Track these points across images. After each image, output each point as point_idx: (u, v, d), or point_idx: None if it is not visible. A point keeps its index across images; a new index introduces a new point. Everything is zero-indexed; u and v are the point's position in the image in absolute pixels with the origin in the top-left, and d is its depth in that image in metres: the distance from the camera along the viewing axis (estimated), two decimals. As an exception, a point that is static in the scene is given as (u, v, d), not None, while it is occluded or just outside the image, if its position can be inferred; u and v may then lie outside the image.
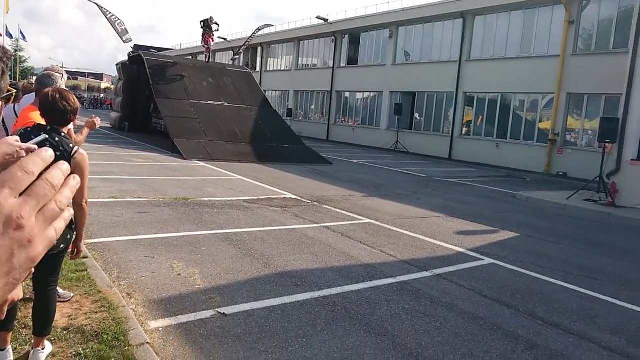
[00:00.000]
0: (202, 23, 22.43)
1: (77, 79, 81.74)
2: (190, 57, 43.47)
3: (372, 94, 29.86)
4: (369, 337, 4.13)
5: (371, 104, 30.00)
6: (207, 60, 23.56)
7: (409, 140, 25.98)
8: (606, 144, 12.78)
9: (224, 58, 42.91)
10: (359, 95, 31.25)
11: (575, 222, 10.67)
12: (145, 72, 19.72)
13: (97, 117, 4.29)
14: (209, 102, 19.40)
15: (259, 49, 40.02)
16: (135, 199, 8.85)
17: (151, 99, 20.97)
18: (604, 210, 11.61)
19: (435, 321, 4.57)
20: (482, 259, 6.81)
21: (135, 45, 28.53)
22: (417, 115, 26.90)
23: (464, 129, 24.12)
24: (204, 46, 23.37)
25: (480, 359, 3.91)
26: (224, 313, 4.35)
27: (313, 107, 35.23)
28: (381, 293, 5.19)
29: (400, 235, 7.84)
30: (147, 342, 3.56)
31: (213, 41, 23.47)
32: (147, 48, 35.83)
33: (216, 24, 22.52)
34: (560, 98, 19.63)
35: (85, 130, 4.12)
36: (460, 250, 7.23)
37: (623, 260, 7.49)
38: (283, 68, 37.96)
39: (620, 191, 12.36)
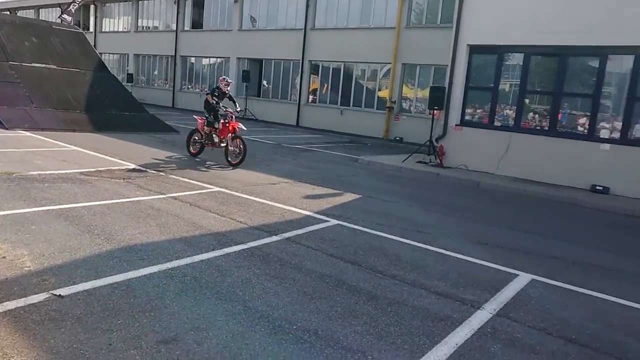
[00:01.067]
0: None
1: None
2: (8, 12, 38.20)
3: (218, 59, 29.13)
4: (220, 304, 4.12)
5: (218, 70, 29.28)
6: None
7: (258, 108, 26.00)
8: (435, 111, 14.09)
9: (51, 16, 38.39)
10: (205, 61, 30.29)
11: (409, 182, 11.68)
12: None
13: None
14: (33, 64, 17.25)
15: (92, 7, 36.51)
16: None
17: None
18: (434, 171, 12.88)
19: (284, 282, 4.71)
20: (328, 221, 7.15)
21: None
22: (265, 82, 26.94)
23: (311, 97, 24.78)
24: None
25: (327, 313, 4.14)
26: (59, 295, 4.01)
27: (156, 72, 33.35)
28: (231, 260, 5.19)
29: (250, 202, 7.88)
30: (-34, 335, 3.14)
31: None
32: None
33: None
34: (396, 68, 21.08)
35: None
36: (308, 213, 7.51)
37: (449, 215, 8.42)
38: (121, 29, 35.16)
39: (446, 153, 13.78)
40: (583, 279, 5.71)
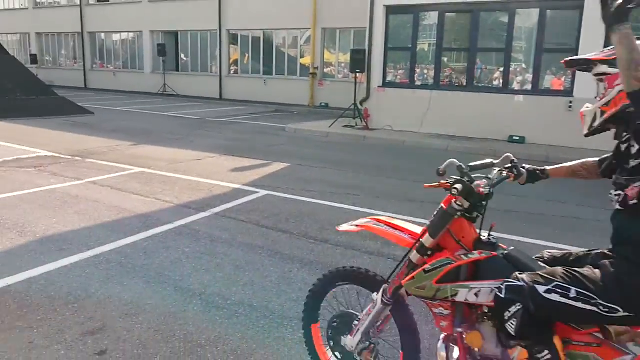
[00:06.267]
0: None
1: None
2: None
3: (130, 34, 27.62)
4: (149, 287, 3.97)
5: (131, 46, 27.84)
6: None
7: (178, 83, 25.05)
8: (357, 74, 14.14)
9: None
10: (116, 37, 28.65)
11: (337, 147, 11.74)
12: None
13: None
14: None
15: (-18, -17, 33.35)
16: None
17: None
18: (360, 134, 13.02)
19: (216, 259, 4.60)
20: (257, 192, 7.05)
21: None
22: (182, 56, 25.94)
23: (232, 68, 24.15)
24: None
25: (261, 285, 4.09)
26: (-31, 297, 3.70)
27: (63, 51, 31.20)
28: (159, 241, 5.01)
29: (175, 180, 7.62)
30: None
31: None
32: None
33: None
34: (317, 33, 20.89)
35: None
36: (237, 186, 7.36)
37: (376, 176, 8.55)
38: (17, 7, 32.40)
39: (372, 116, 13.94)
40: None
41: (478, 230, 2.19)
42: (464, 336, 2.15)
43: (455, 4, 12.74)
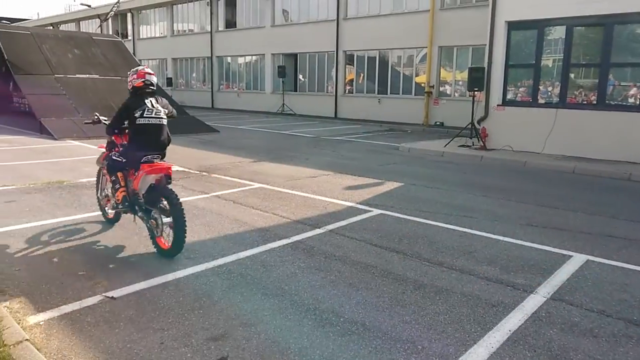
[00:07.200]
0: None
1: None
2: (51, 28, 39.65)
3: (254, 57, 29.35)
4: (267, 299, 4.14)
5: (254, 68, 29.53)
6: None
7: (295, 102, 26.06)
8: (475, 92, 13.73)
9: (91, 27, 39.65)
10: (241, 60, 30.59)
11: (452, 167, 11.44)
12: (-3, 46, 17.63)
13: None
14: (77, 75, 17.89)
15: (129, 15, 37.46)
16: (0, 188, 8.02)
17: (9, 77, 18.86)
18: (477, 154, 12.58)
19: (330, 275, 4.69)
20: (370, 210, 7.09)
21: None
22: (300, 76, 26.98)
23: (347, 88, 24.64)
24: None
25: (374, 304, 4.09)
26: (112, 297, 4.12)
27: (194, 74, 33.94)
28: (276, 255, 5.22)
29: (291, 197, 7.90)
30: (26, 339, 3.27)
31: None
32: (-4, 19, 32.00)
33: None
34: (433, 51, 20.66)
35: None
36: (350, 204, 7.46)
37: (494, 198, 8.20)
38: (158, 35, 35.93)
39: (490, 135, 13.42)
40: (642, 257, 5.43)
41: None
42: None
43: (586, 17, 11.91)
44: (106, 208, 6.12)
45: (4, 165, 10.06)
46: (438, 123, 20.43)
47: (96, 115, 6.14)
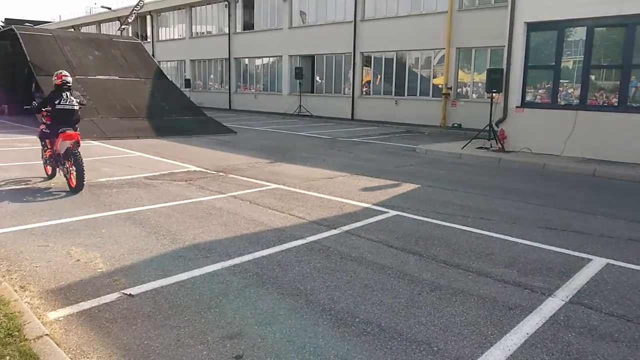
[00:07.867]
0: None
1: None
2: (72, 30, 40.30)
3: (271, 59, 29.49)
4: (282, 299, 4.16)
5: (271, 70, 29.66)
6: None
7: (312, 104, 26.11)
8: (493, 94, 13.61)
9: (111, 29, 40.21)
10: (259, 62, 30.75)
11: (469, 169, 11.35)
12: (20, 48, 17.97)
13: None
14: (97, 77, 18.15)
15: (149, 17, 37.92)
16: (22, 187, 8.17)
17: (31, 78, 19.21)
18: (495, 156, 12.46)
19: (345, 275, 4.69)
20: (387, 212, 7.06)
21: (5, 18, 25.87)
22: (317, 78, 27.03)
23: (364, 89, 24.61)
24: None
25: (389, 305, 4.08)
26: (130, 294, 4.17)
27: (212, 76, 34.21)
28: (292, 255, 5.23)
29: (308, 197, 7.92)
30: (46, 334, 3.33)
31: None
32: (20, 22, 32.64)
33: None
34: (451, 53, 20.54)
35: None
36: (366, 205, 7.45)
37: (512, 200, 8.11)
38: (177, 37, 36.31)
39: (508, 137, 13.29)
40: (664, 261, 5.33)
41: None
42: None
43: (607, 18, 11.74)
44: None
45: (26, 164, 10.25)
46: (456, 125, 20.30)
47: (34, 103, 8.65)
